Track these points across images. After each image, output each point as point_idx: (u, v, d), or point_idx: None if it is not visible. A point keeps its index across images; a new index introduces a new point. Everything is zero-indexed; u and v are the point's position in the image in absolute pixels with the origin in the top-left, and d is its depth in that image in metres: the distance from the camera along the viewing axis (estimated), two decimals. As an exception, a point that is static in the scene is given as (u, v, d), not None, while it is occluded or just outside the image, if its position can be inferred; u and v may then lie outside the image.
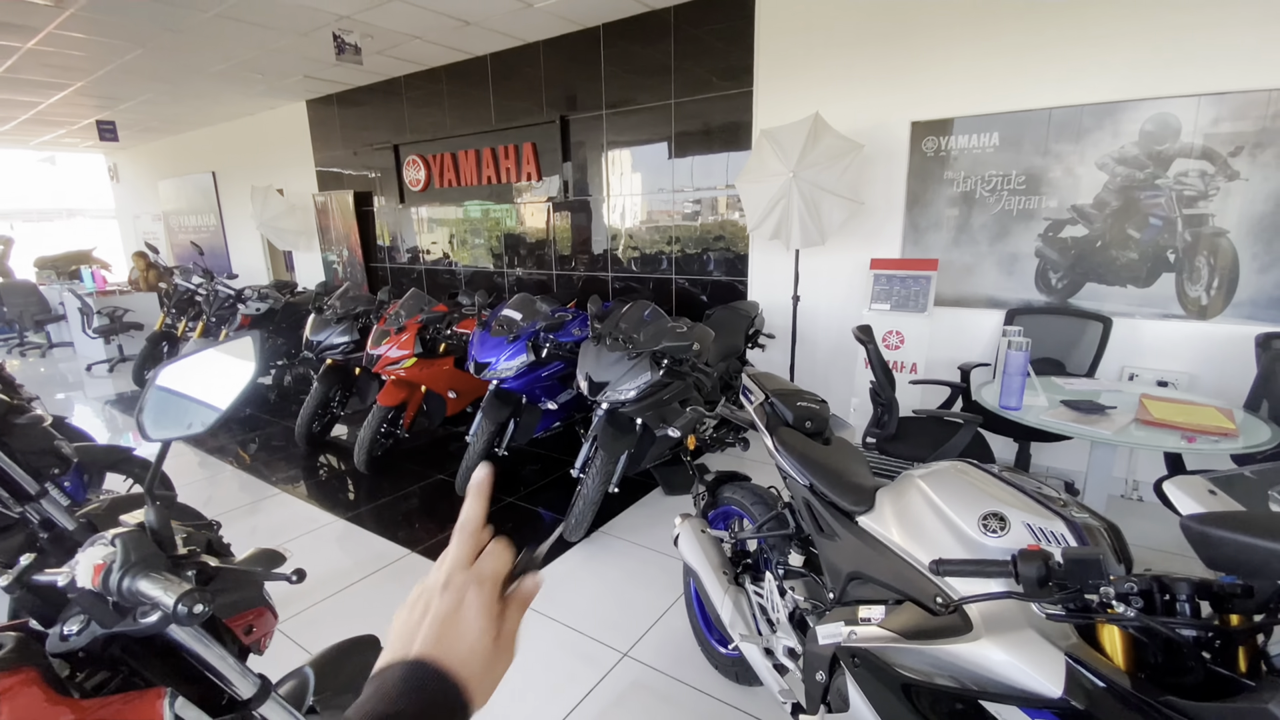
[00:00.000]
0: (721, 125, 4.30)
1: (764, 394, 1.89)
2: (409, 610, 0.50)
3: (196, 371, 0.78)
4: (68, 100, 6.53)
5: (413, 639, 0.46)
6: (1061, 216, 3.35)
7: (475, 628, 0.47)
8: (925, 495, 1.34)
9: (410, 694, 0.43)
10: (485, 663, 0.47)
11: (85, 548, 0.76)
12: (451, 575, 0.50)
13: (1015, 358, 2.36)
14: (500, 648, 0.48)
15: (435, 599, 0.49)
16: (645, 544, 2.97)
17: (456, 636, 0.46)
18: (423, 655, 0.45)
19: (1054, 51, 3.20)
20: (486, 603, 0.49)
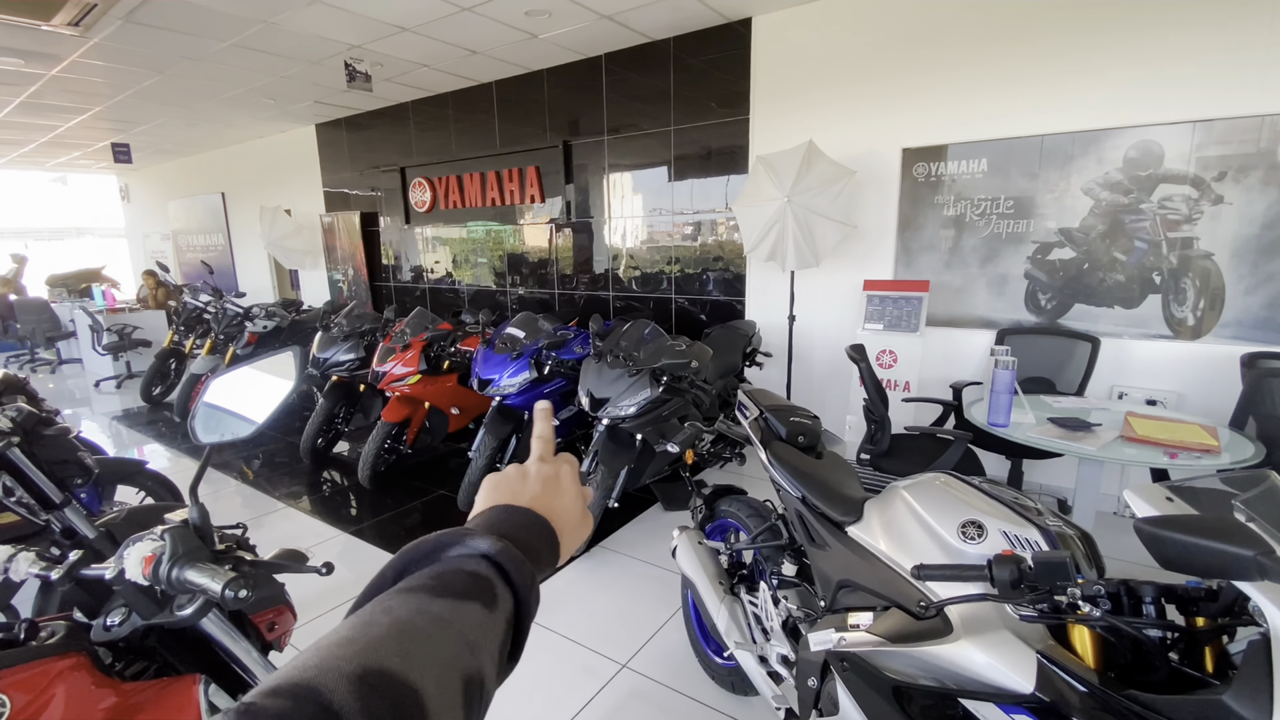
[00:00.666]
0: (719, 150, 4.43)
1: (759, 410, 1.96)
2: (506, 477, 0.56)
3: (239, 385, 0.86)
4: (85, 124, 6.72)
5: (518, 494, 0.53)
6: (1050, 240, 3.45)
7: (571, 491, 0.56)
8: (909, 505, 1.41)
9: (525, 528, 0.49)
10: (577, 521, 0.55)
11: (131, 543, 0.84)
12: (544, 456, 0.59)
13: (1002, 376, 2.44)
14: (585, 515, 0.58)
15: (534, 467, 0.57)
16: (644, 558, 3.03)
17: (557, 495, 0.55)
18: (531, 505, 0.52)
19: (1040, 81, 3.33)
20: (576, 477, 0.59)
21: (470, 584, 0.40)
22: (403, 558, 0.43)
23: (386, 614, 0.37)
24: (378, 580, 0.42)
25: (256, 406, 0.87)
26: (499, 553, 0.43)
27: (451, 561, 0.42)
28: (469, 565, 0.42)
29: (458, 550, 0.43)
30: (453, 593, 0.39)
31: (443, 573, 0.41)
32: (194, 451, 4.83)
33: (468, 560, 0.42)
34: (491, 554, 0.43)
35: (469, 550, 0.43)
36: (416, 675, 0.33)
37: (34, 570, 0.88)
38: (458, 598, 0.39)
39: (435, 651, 0.35)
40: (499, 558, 0.43)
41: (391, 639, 0.34)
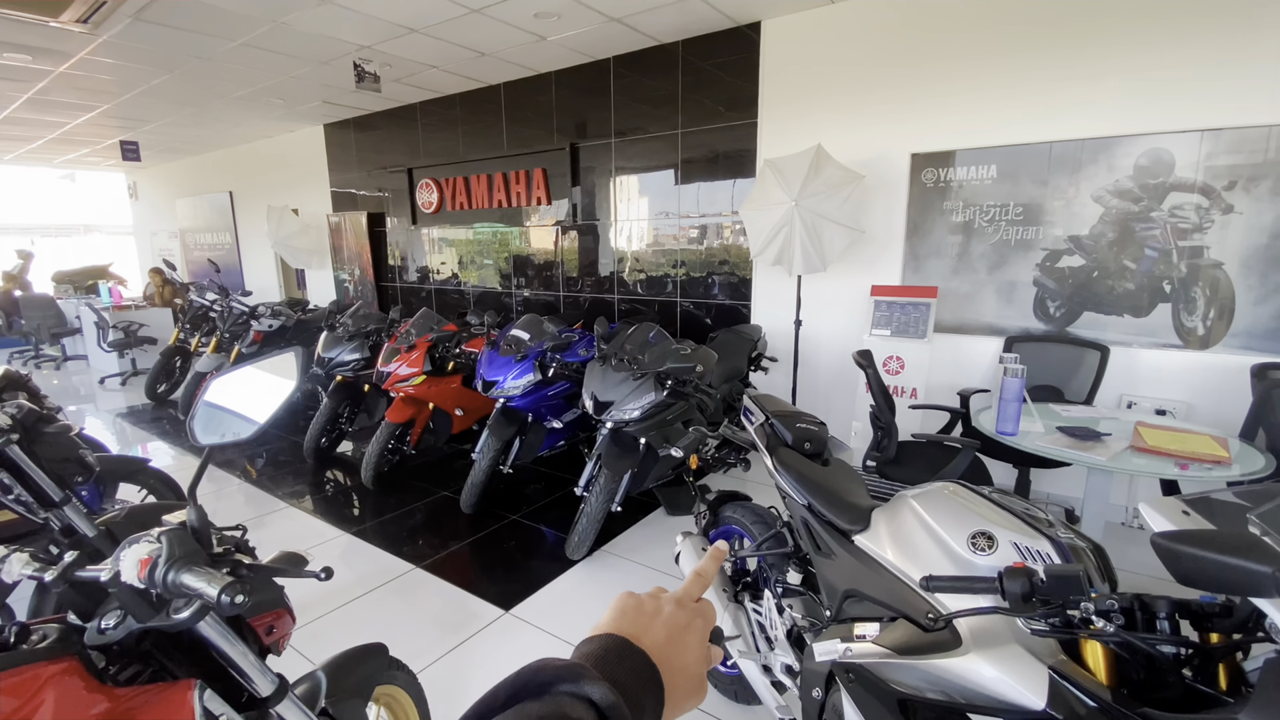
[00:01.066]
0: (726, 153, 4.42)
1: (764, 415, 1.94)
2: (639, 604, 0.53)
3: (241, 385, 0.85)
4: (94, 121, 6.75)
5: (644, 631, 0.50)
6: (1059, 247, 3.42)
7: (697, 650, 0.52)
8: (918, 515, 1.38)
9: (637, 678, 0.46)
10: (690, 686, 0.50)
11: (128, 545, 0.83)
12: (685, 599, 0.55)
13: (1011, 384, 2.41)
14: (701, 682, 0.52)
15: (669, 608, 0.53)
16: (647, 563, 3.01)
17: (681, 650, 0.50)
18: (651, 652, 0.48)
19: (1051, 88, 3.30)
20: (706, 636, 0.54)
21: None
22: (517, 682, 0.43)
23: None
24: (489, 699, 0.42)
25: (258, 406, 0.85)
26: (609, 706, 0.42)
27: (560, 700, 0.42)
28: (576, 711, 0.41)
29: (569, 688, 0.43)
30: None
31: (550, 713, 0.41)
32: (198, 449, 4.83)
33: (575, 704, 0.42)
34: (600, 703, 0.42)
35: (580, 691, 0.43)
36: None
37: (27, 571, 0.87)
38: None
39: None
40: (607, 709, 0.42)
41: None
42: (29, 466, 1.85)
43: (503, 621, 2.55)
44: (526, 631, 2.48)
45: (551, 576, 2.89)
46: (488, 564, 3.06)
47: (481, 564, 3.07)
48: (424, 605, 2.68)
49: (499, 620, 2.56)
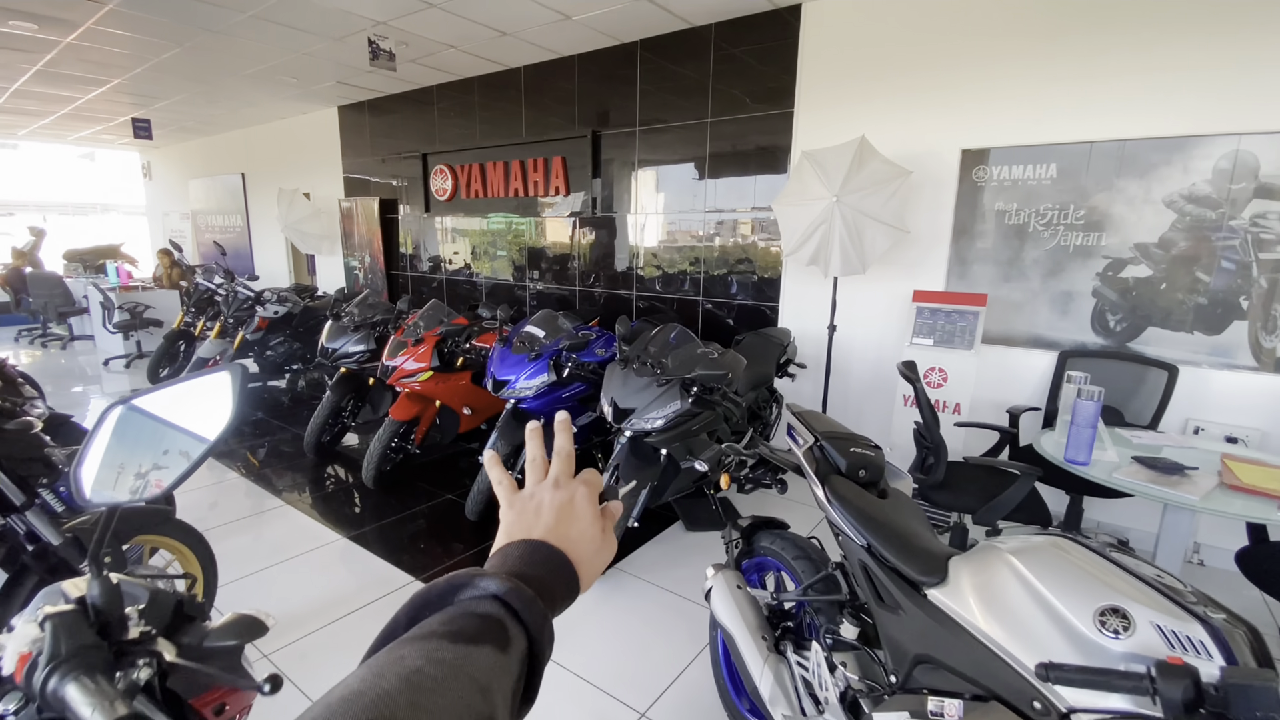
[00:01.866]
0: (758, 146, 4.16)
1: (814, 437, 1.70)
2: (522, 506, 0.54)
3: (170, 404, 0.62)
4: (105, 97, 6.58)
5: (532, 526, 0.52)
6: (1123, 255, 3.14)
7: (587, 516, 0.54)
8: (1020, 576, 1.14)
9: (539, 564, 0.48)
10: (594, 549, 0.53)
11: (15, 624, 0.60)
12: (560, 478, 0.56)
13: (1085, 408, 2.15)
14: (605, 539, 0.55)
15: (548, 494, 0.54)
16: (665, 585, 2.77)
17: (571, 522, 0.53)
18: (545, 538, 0.50)
19: (1120, 82, 3.02)
20: (592, 501, 0.55)
21: (482, 627, 0.41)
22: (415, 602, 0.43)
23: (397, 663, 0.36)
24: (390, 626, 0.42)
25: (199, 425, 0.62)
26: (509, 593, 0.43)
27: (464, 605, 0.42)
28: (480, 608, 0.42)
29: (469, 593, 0.43)
30: (465, 637, 0.39)
31: (455, 617, 0.41)
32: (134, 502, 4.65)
33: (479, 602, 0.42)
34: (502, 594, 0.43)
35: (480, 592, 0.43)
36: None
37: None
38: (470, 642, 0.39)
39: (446, 700, 0.35)
40: (509, 598, 0.43)
41: (401, 690, 0.34)
42: (-17, 467, 1.64)
43: (508, 647, 2.32)
44: (533, 661, 2.25)
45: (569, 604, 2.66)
46: (493, 578, 2.84)
47: (486, 578, 2.84)
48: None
49: (504, 646, 2.33)
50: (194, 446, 0.61)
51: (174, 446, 0.61)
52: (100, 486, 0.60)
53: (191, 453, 0.61)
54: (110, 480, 0.60)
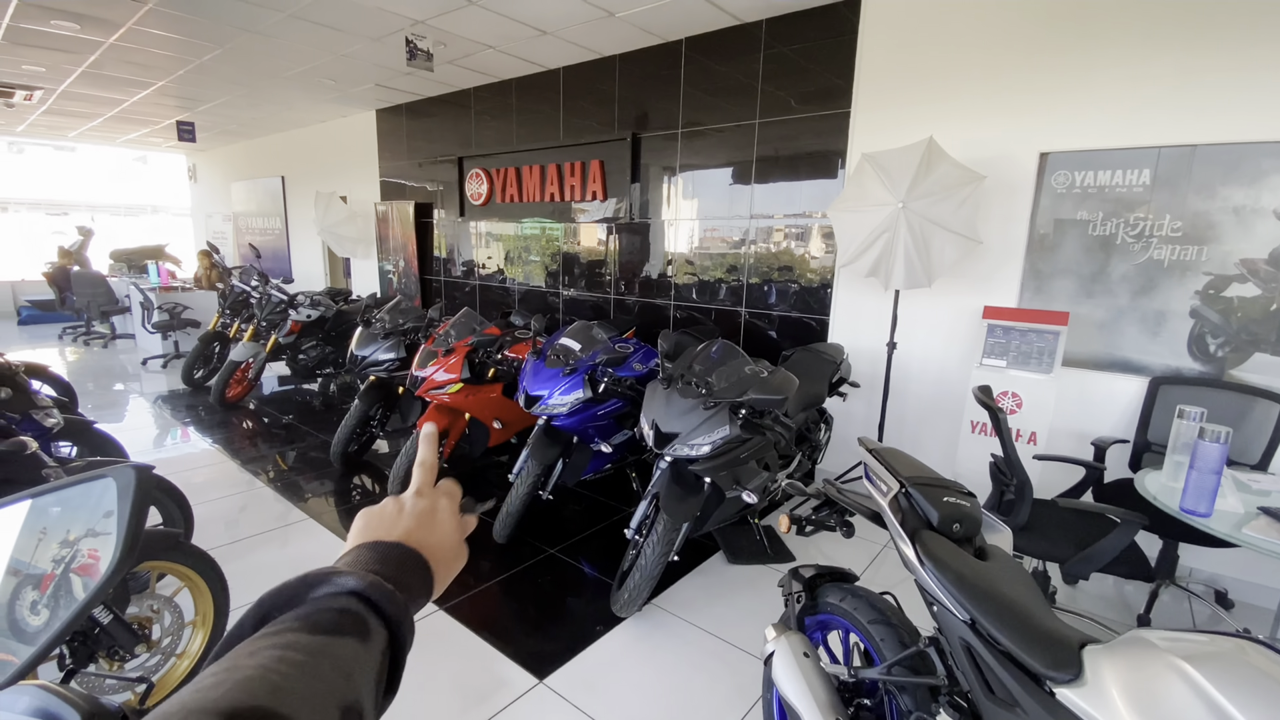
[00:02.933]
0: (809, 150, 3.90)
1: (898, 482, 1.45)
2: (380, 511, 0.55)
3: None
4: (149, 99, 6.66)
5: (390, 529, 0.53)
6: (1227, 272, 2.80)
7: (447, 525, 0.57)
8: (1198, 689, 0.88)
9: (392, 564, 0.48)
10: (452, 555, 0.56)
11: None
12: (422, 488, 0.59)
13: (1209, 451, 1.85)
14: (460, 548, 0.58)
15: (409, 502, 0.56)
16: (707, 627, 2.53)
17: (431, 529, 0.54)
18: (403, 540, 0.51)
19: (1225, 79, 2.69)
20: (453, 511, 0.59)
21: (340, 619, 0.39)
22: (263, 604, 0.41)
23: (251, 656, 0.35)
24: (236, 630, 0.39)
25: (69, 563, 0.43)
26: (368, 587, 0.42)
27: (319, 602, 0.41)
28: (337, 603, 0.41)
29: (324, 589, 0.42)
30: (323, 629, 0.38)
31: (310, 613, 0.40)
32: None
33: (335, 598, 0.41)
34: (360, 589, 0.42)
35: (336, 588, 0.42)
36: (291, 708, 0.31)
37: None
38: (329, 634, 0.38)
39: (309, 684, 0.34)
40: (368, 592, 0.42)
41: (262, 677, 0.33)
42: (-28, 490, 1.51)
43: (535, 694, 2.11)
44: (564, 713, 2.04)
45: (593, 635, 2.45)
46: (520, 609, 2.64)
47: (513, 609, 2.65)
48: (445, 662, 2.27)
49: (531, 692, 2.12)
50: (58, 601, 0.41)
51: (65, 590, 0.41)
52: None
53: (56, 609, 0.41)
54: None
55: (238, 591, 2.16)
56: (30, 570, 0.49)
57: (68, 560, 0.49)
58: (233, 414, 5.37)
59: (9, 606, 0.48)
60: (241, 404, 5.64)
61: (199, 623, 2.06)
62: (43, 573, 0.49)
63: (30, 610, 0.48)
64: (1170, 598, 2.86)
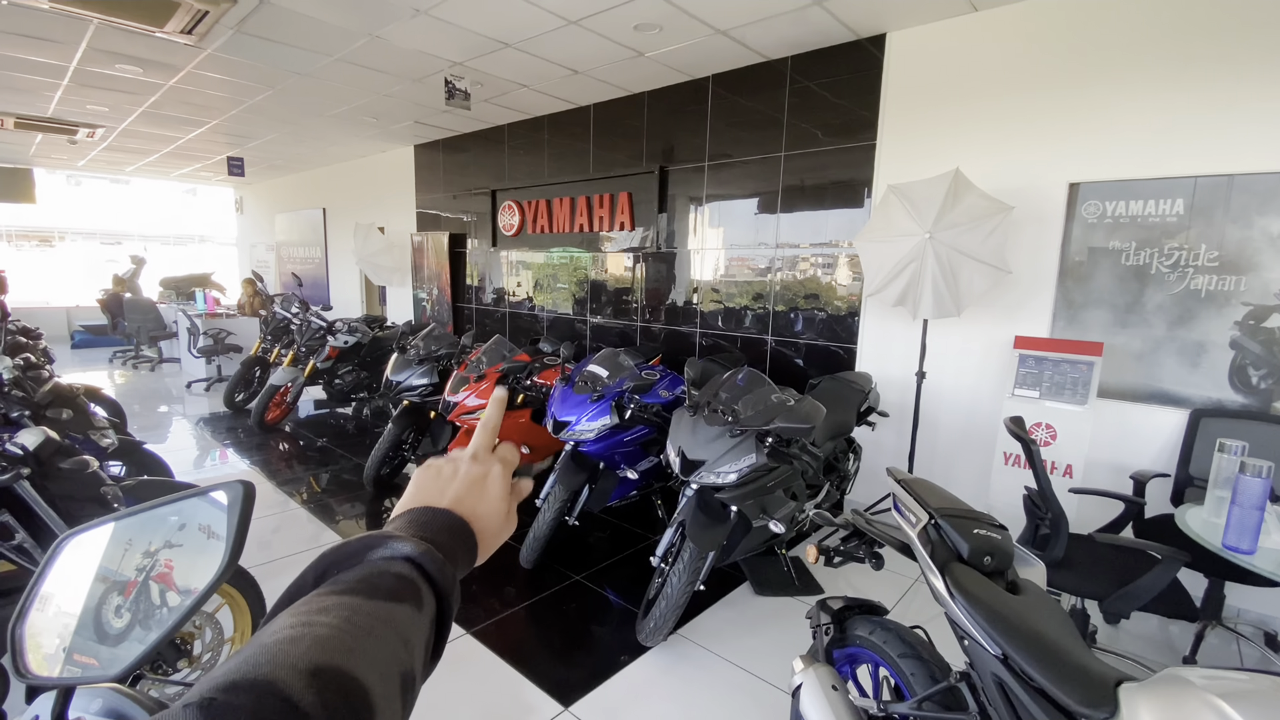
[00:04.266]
0: (835, 180, 3.95)
1: (927, 514, 1.45)
2: (436, 471, 0.56)
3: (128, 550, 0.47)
4: (203, 136, 7.04)
5: (442, 493, 0.54)
6: (1267, 302, 2.74)
7: (496, 494, 0.56)
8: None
9: (444, 532, 0.49)
10: (498, 525, 0.56)
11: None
12: (479, 452, 0.58)
13: (1251, 485, 1.81)
14: (508, 518, 0.58)
15: (464, 466, 0.57)
16: (733, 659, 2.51)
17: (482, 497, 0.55)
18: (453, 507, 0.52)
19: (1257, 106, 2.67)
20: (506, 479, 0.58)
21: (398, 585, 0.41)
22: (324, 560, 0.43)
23: (325, 613, 0.36)
24: (298, 582, 0.41)
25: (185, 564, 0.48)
26: (422, 555, 0.44)
27: (377, 564, 0.43)
28: (394, 568, 0.42)
29: (382, 553, 0.44)
30: (383, 594, 0.40)
31: (369, 575, 0.41)
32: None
33: (393, 563, 0.43)
34: (415, 557, 0.44)
35: (393, 553, 0.44)
36: (363, 671, 0.33)
37: None
38: (389, 599, 0.40)
39: (378, 649, 0.36)
40: (422, 560, 0.44)
41: (337, 637, 0.34)
42: (38, 504, 1.60)
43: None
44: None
45: (619, 664, 2.44)
46: (546, 635, 2.65)
47: (539, 635, 2.66)
48: (471, 687, 2.29)
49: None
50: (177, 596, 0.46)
51: (150, 596, 0.46)
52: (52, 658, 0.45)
53: (175, 605, 0.46)
54: (56, 646, 0.45)
55: (275, 610, 2.22)
56: (116, 578, 0.54)
57: (149, 569, 0.55)
58: (271, 436, 5.53)
59: (96, 611, 0.54)
60: (279, 426, 5.81)
61: (238, 639, 2.12)
62: (127, 580, 0.54)
63: (115, 615, 0.54)
64: (1217, 639, 2.74)
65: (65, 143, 7.42)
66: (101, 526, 0.53)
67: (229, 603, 2.09)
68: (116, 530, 0.55)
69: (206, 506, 0.48)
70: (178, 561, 0.54)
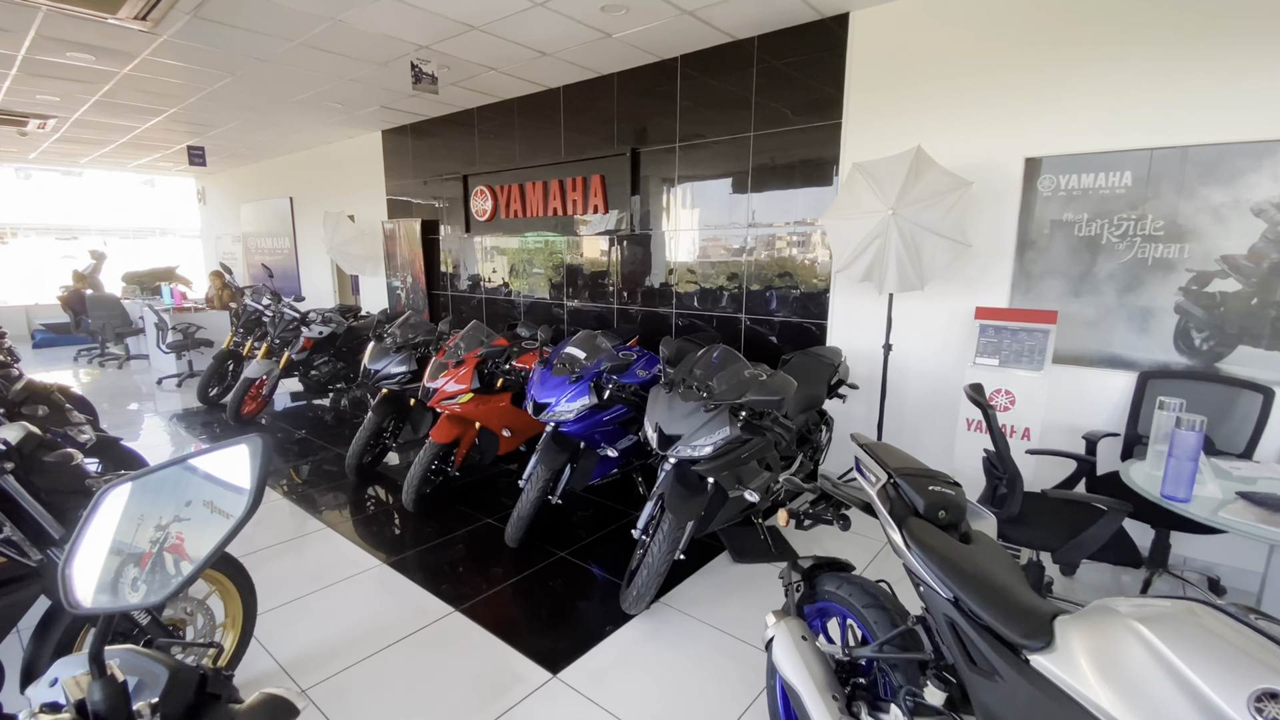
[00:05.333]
0: (803, 159, 4.03)
1: (886, 473, 1.55)
2: None
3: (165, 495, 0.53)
4: (161, 126, 6.85)
5: None
6: (1208, 268, 2.90)
7: None
8: (1153, 650, 0.97)
9: None
10: None
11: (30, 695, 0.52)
12: None
13: (1185, 439, 1.94)
14: None
15: None
16: (713, 622, 2.62)
17: None
18: None
19: (1201, 82, 2.80)
20: None
21: None
22: None
23: None
24: None
25: (214, 508, 0.54)
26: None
27: None
28: None
29: None
30: None
31: None
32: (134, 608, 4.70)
33: None
34: None
35: None
36: None
37: None
38: None
39: None
40: None
41: None
42: (25, 499, 1.62)
43: (550, 688, 2.21)
44: (577, 705, 2.13)
45: (604, 632, 2.54)
46: (533, 610, 2.74)
47: (526, 610, 2.74)
48: (461, 660, 2.36)
49: (545, 686, 2.22)
50: (207, 534, 0.52)
51: (184, 536, 0.52)
52: (99, 589, 0.51)
53: (205, 542, 0.52)
54: (109, 579, 0.51)
55: (264, 594, 2.27)
56: (130, 550, 0.60)
57: (161, 541, 0.60)
58: (248, 430, 5.49)
59: (113, 584, 0.59)
60: (256, 420, 5.77)
61: (229, 625, 2.16)
62: (141, 551, 0.59)
63: (131, 587, 0.59)
64: (1166, 585, 2.93)
65: (15, 135, 7.16)
66: (137, 479, 0.58)
67: (219, 589, 2.13)
68: (149, 482, 0.59)
69: (232, 457, 0.53)
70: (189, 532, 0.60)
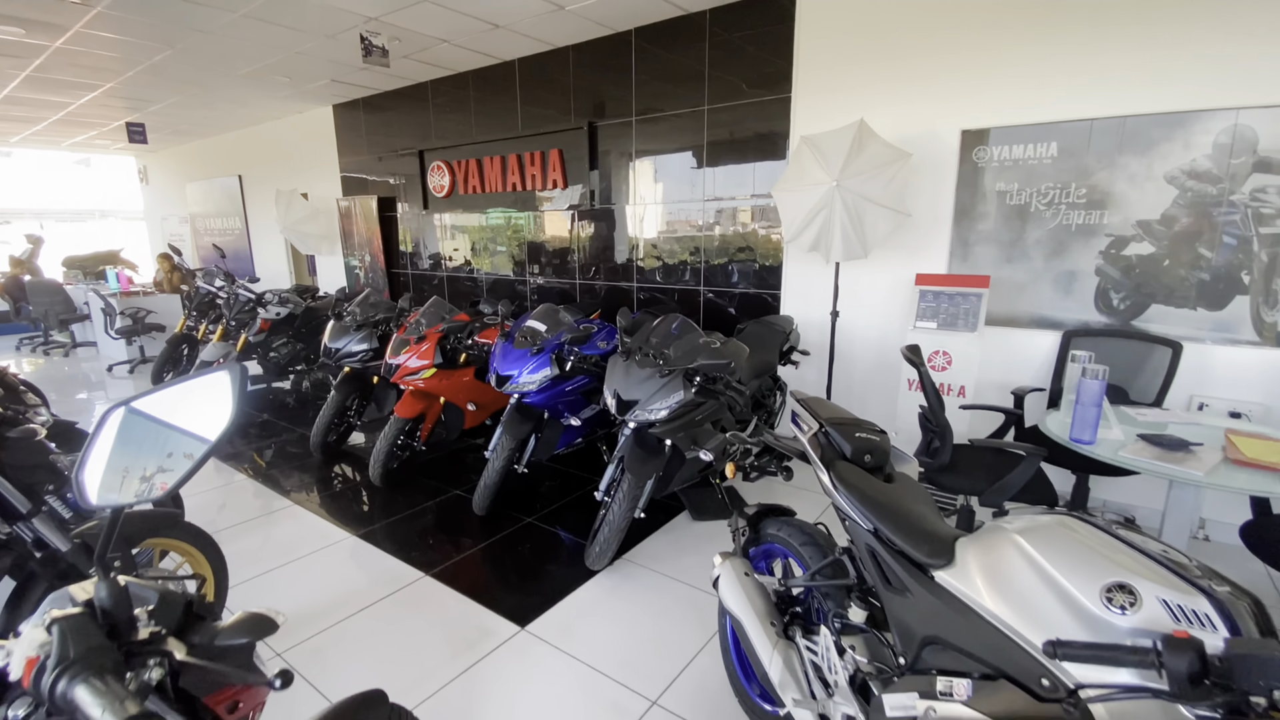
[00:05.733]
0: (756, 133, 4.13)
1: (818, 423, 1.70)
2: None
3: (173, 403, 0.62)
4: (97, 101, 6.56)
5: None
6: (1125, 233, 3.12)
7: None
8: (1026, 555, 1.14)
9: None
10: None
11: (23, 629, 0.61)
12: None
13: (1090, 386, 2.14)
14: None
15: None
16: (673, 574, 2.78)
17: None
18: None
19: (1119, 58, 2.99)
20: None
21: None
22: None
23: None
24: None
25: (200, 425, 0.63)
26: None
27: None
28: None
29: None
30: None
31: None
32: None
33: None
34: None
35: None
36: None
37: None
38: None
39: None
40: None
41: None
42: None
43: (518, 640, 2.34)
44: (544, 653, 2.27)
45: (570, 588, 2.68)
46: (501, 572, 2.86)
47: (495, 572, 2.86)
48: (433, 619, 2.48)
49: (514, 638, 2.35)
50: (196, 447, 0.61)
51: (177, 448, 0.61)
52: (105, 490, 0.60)
53: (194, 453, 0.61)
54: (115, 483, 0.60)
55: (235, 569, 2.33)
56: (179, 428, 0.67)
57: (147, 494, 0.68)
58: (207, 413, 5.42)
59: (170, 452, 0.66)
60: (215, 404, 5.69)
61: (202, 595, 2.23)
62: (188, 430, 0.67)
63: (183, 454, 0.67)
64: (1084, 526, 3.20)
65: (-64, 111, 6.78)
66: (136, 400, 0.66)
67: (190, 561, 2.19)
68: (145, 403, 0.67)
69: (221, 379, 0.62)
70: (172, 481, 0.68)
